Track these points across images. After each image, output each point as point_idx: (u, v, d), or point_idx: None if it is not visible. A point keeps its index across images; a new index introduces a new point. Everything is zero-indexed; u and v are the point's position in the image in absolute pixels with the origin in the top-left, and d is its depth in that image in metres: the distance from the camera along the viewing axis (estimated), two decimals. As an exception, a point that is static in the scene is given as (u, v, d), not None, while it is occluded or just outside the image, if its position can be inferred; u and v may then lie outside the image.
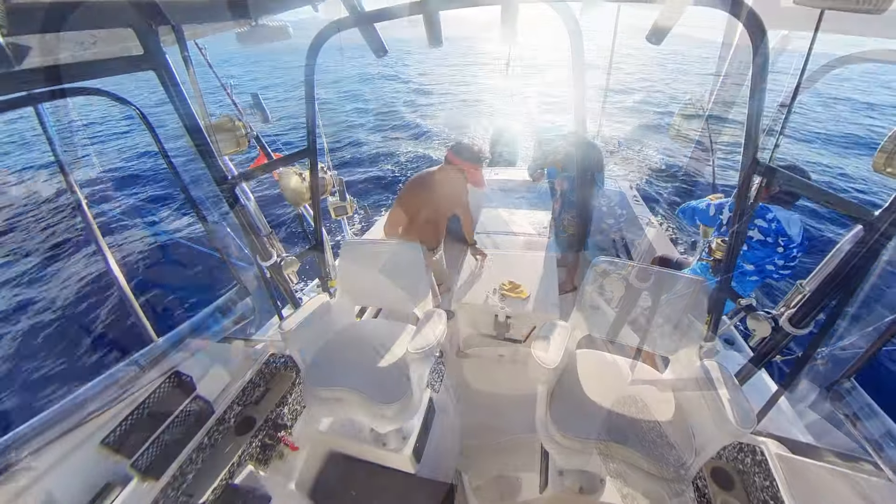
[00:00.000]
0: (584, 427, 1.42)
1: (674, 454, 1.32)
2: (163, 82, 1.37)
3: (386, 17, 1.48)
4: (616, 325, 1.67)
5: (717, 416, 1.22)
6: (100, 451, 1.44)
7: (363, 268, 2.05)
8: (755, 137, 1.26)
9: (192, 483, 1.64)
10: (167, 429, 1.60)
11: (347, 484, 2.02)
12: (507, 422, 2.38)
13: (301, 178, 2.02)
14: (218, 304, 1.98)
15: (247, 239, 1.77)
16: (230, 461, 1.76)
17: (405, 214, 2.56)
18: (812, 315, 1.24)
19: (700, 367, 1.40)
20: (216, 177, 1.57)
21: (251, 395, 2.02)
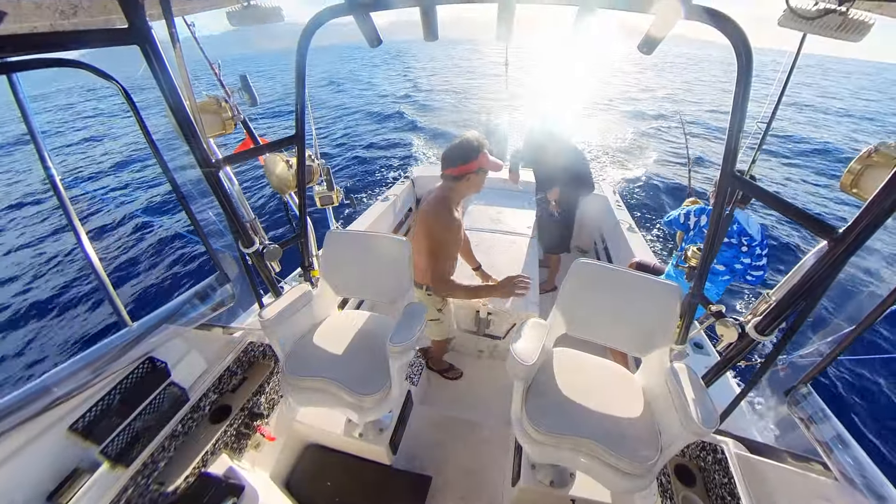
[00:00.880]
0: (557, 423, 1.47)
1: (641, 451, 1.37)
2: (147, 58, 1.32)
3: (381, 7, 1.47)
4: (592, 325, 1.72)
5: (683, 415, 1.28)
6: (68, 437, 1.40)
7: (346, 259, 2.04)
8: (734, 151, 1.32)
9: (163, 471, 1.62)
10: (139, 415, 1.57)
11: (323, 475, 2.02)
12: (483, 416, 2.43)
13: (288, 164, 1.99)
14: (196, 289, 1.93)
15: (229, 225, 1.74)
16: (204, 449, 1.74)
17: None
18: (776, 323, 1.31)
19: (669, 369, 1.46)
20: (200, 159, 1.53)
21: (228, 383, 1.99)
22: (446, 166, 1.95)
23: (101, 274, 1.70)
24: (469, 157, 1.91)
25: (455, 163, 1.92)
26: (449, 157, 1.94)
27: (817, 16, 1.08)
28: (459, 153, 1.92)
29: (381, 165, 11.18)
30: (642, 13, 1.30)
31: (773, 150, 12.61)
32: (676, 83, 27.38)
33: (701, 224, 2.39)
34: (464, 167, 1.92)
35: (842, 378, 4.08)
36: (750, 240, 2.20)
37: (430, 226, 1.97)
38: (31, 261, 7.34)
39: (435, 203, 1.99)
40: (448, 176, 1.96)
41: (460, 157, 1.92)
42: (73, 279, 6.58)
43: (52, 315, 5.89)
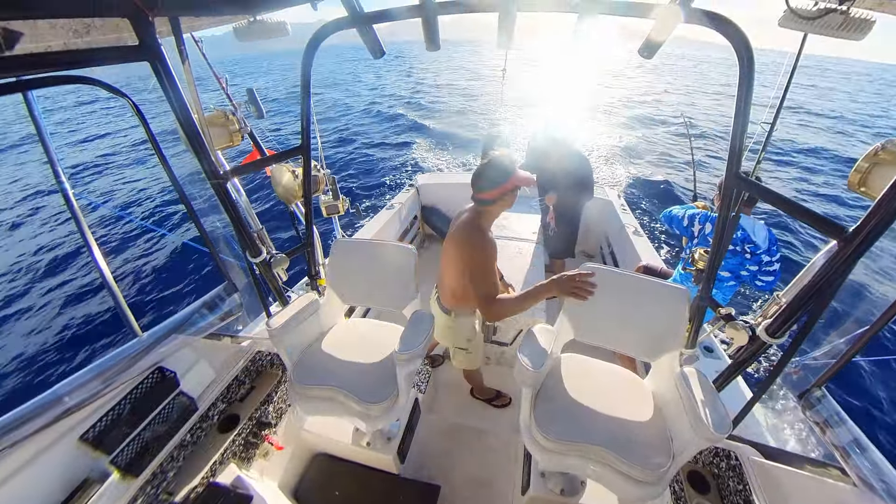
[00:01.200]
0: (566, 430, 1.45)
1: (652, 458, 1.35)
2: (157, 74, 1.36)
3: (384, 19, 1.50)
4: (600, 330, 1.70)
5: (695, 421, 1.26)
6: (79, 447, 1.41)
7: (353, 267, 2.05)
8: (739, 153, 1.31)
9: (172, 481, 1.62)
10: (149, 425, 1.58)
11: (331, 484, 2.01)
12: (491, 424, 2.41)
13: (294, 175, 2.01)
14: (205, 299, 1.95)
15: (237, 235, 1.76)
16: (212, 459, 1.74)
17: None
18: (787, 325, 1.29)
19: (679, 374, 1.44)
20: (208, 171, 1.56)
21: (236, 392, 2.00)
22: (481, 190, 1.80)
23: (112, 285, 1.73)
24: (505, 178, 1.77)
25: (490, 186, 1.78)
26: (483, 180, 1.79)
27: (818, 15, 1.08)
28: (494, 175, 1.77)
29: (383, 168, 11.29)
30: (642, 18, 1.31)
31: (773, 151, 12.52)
32: (676, 85, 27.34)
33: (706, 232, 2.34)
34: (498, 189, 1.78)
35: (858, 380, 3.98)
36: (754, 247, 2.17)
37: (467, 252, 1.82)
38: (44, 272, 7.48)
39: (469, 229, 1.85)
40: (481, 199, 1.82)
41: (495, 178, 1.77)
42: (84, 290, 6.68)
43: (63, 325, 5.98)
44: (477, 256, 1.78)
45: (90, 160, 12.81)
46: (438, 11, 1.45)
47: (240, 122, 1.81)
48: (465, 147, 12.98)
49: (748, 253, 2.18)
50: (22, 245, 8.55)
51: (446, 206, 4.76)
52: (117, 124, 15.74)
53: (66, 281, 7.09)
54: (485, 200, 1.82)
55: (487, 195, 1.79)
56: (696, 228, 2.38)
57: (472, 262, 1.78)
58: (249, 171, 1.80)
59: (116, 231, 8.60)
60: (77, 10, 1.11)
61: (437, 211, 4.77)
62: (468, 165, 11.24)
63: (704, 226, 2.36)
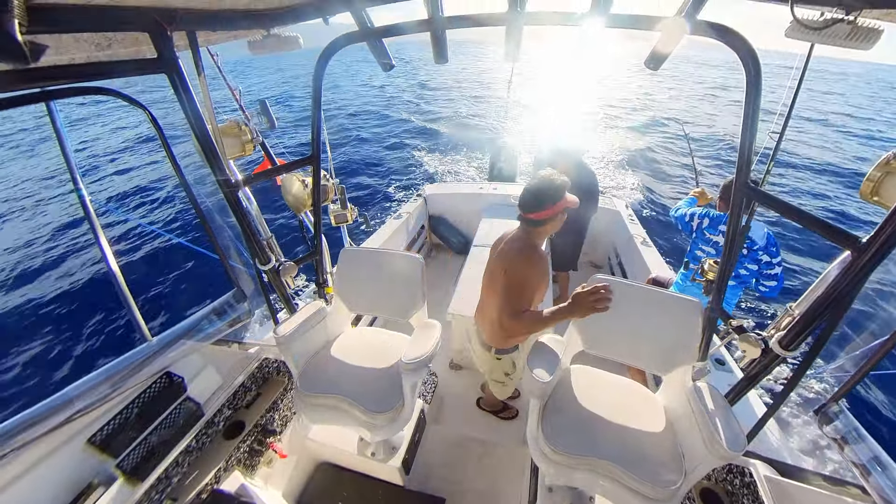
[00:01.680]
0: (574, 443, 1.42)
1: (663, 474, 1.32)
2: (174, 86, 1.40)
3: (394, 33, 1.53)
4: (610, 342, 1.68)
5: (708, 438, 1.22)
6: (86, 450, 1.42)
7: (360, 276, 2.06)
8: (748, 162, 1.31)
9: (176, 486, 1.62)
10: (155, 430, 1.58)
11: (336, 494, 1.99)
12: (498, 436, 2.37)
13: (303, 184, 2.05)
14: (214, 306, 1.98)
15: (247, 242, 1.79)
16: (217, 466, 1.74)
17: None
18: (801, 338, 1.26)
19: (691, 389, 1.41)
20: (220, 180, 1.59)
21: (242, 399, 2.00)
22: (531, 210, 1.72)
23: (124, 290, 1.76)
24: (557, 199, 1.70)
25: (543, 206, 1.70)
26: (535, 200, 1.71)
27: (824, 26, 1.08)
28: (548, 196, 1.70)
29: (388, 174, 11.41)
30: (648, 31, 1.32)
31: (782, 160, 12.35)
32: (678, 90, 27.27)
33: (703, 227, 2.37)
34: (551, 210, 1.71)
35: (878, 394, 3.83)
36: (750, 243, 2.16)
37: (517, 265, 1.74)
38: (58, 274, 7.65)
39: (522, 245, 1.78)
40: (532, 220, 1.74)
41: (548, 199, 1.70)
42: (97, 294, 6.80)
43: (75, 328, 6.09)
44: (528, 271, 1.71)
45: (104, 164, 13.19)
46: (447, 26, 1.49)
47: (252, 133, 1.85)
48: (470, 153, 13.11)
49: (745, 249, 2.17)
50: (36, 244, 8.77)
51: (454, 216, 4.78)
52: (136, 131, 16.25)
53: (78, 283, 7.24)
54: (535, 221, 1.74)
55: (538, 215, 1.72)
56: (696, 223, 2.43)
57: (518, 274, 1.72)
58: (261, 180, 1.84)
59: (129, 235, 8.78)
60: (100, 26, 1.16)
61: (445, 220, 4.79)
62: (473, 169, 11.36)
63: (703, 220, 2.39)
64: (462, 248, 4.54)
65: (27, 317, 6.35)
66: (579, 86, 29.86)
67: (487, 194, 4.56)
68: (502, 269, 1.77)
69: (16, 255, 8.52)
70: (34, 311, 6.50)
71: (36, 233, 9.53)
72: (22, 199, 11.18)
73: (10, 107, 1.15)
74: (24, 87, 1.16)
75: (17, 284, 7.44)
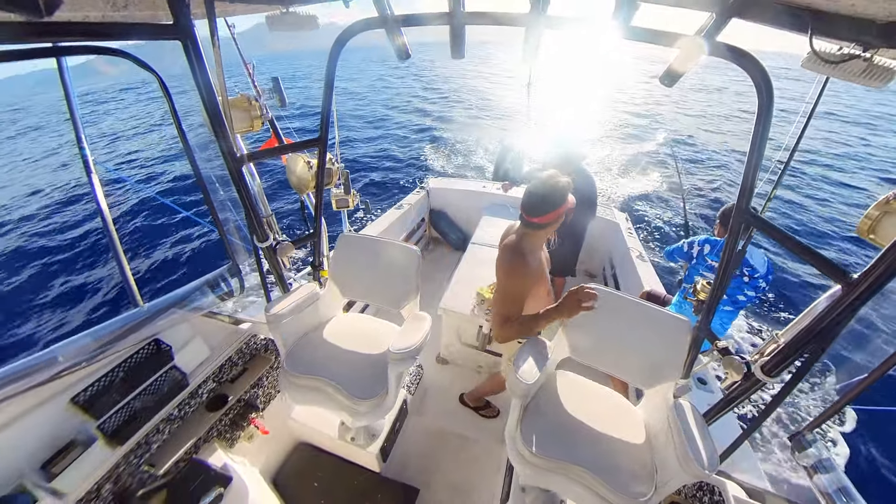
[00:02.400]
0: (551, 446, 1.44)
1: (634, 486, 1.34)
2: (187, 53, 1.39)
3: (413, 23, 1.52)
4: (597, 351, 1.70)
5: (682, 454, 1.25)
6: (68, 409, 1.43)
7: (356, 262, 2.07)
8: (751, 188, 1.31)
9: (156, 453, 1.63)
10: (139, 395, 1.59)
11: (312, 474, 2.01)
12: (477, 432, 2.40)
13: (308, 165, 2.04)
14: (208, 278, 1.98)
15: (247, 218, 1.78)
16: (197, 436, 1.75)
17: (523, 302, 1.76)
18: (784, 365, 1.28)
19: (672, 405, 1.43)
20: (226, 153, 1.59)
21: (228, 373, 2.01)
22: (535, 214, 1.67)
23: (120, 254, 1.76)
24: (560, 203, 1.66)
25: (546, 210, 1.65)
26: (540, 203, 1.66)
27: (841, 60, 1.09)
28: (552, 200, 1.65)
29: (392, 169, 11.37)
30: (668, 47, 1.32)
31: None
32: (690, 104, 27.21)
33: (704, 253, 2.39)
34: (553, 214, 1.66)
35: (857, 428, 3.90)
36: (752, 270, 2.21)
37: (500, 272, 1.76)
38: (57, 235, 7.61)
39: (509, 253, 1.75)
40: (533, 223, 1.69)
41: (552, 203, 1.65)
42: (92, 257, 6.78)
43: (68, 290, 6.08)
44: (507, 280, 1.71)
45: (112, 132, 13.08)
46: (467, 20, 1.48)
47: (262, 109, 1.84)
48: (476, 153, 13.07)
49: (746, 276, 2.22)
50: (37, 200, 8.69)
51: (455, 211, 4.78)
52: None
53: (76, 240, 7.20)
54: (536, 224, 1.69)
55: (541, 220, 1.66)
56: (696, 250, 2.45)
57: (501, 284, 1.73)
58: (266, 157, 1.83)
59: (129, 202, 8.73)
60: None
61: (445, 215, 4.79)
62: (480, 168, 11.33)
63: (703, 247, 2.41)
64: (460, 245, 4.55)
65: (20, 274, 6.33)
66: (589, 91, 29.77)
67: (490, 193, 4.56)
68: (496, 272, 1.77)
69: (15, 209, 8.45)
70: (29, 270, 6.48)
71: (37, 192, 9.46)
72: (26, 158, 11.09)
73: (21, 59, 1.14)
74: (37, 40, 1.15)
75: (14, 239, 7.39)
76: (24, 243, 7.36)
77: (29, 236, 7.60)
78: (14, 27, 1.03)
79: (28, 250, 7.10)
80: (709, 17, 1.21)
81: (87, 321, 5.36)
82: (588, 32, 1.38)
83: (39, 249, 7.15)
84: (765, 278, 2.21)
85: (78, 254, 6.99)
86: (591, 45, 2.10)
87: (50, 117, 24.91)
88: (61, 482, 1.32)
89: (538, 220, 1.67)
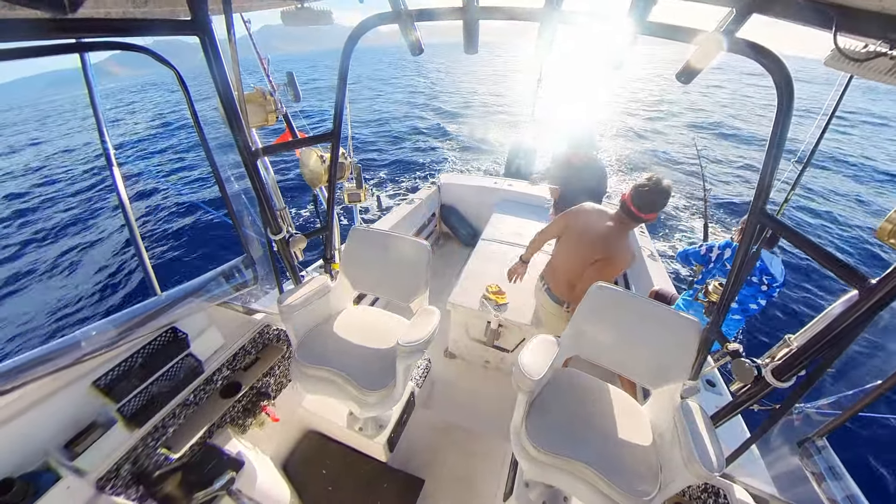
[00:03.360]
0: (556, 443, 1.45)
1: (638, 485, 1.34)
2: (205, 48, 1.42)
3: (426, 18, 1.52)
4: (605, 350, 1.70)
5: (687, 455, 1.24)
6: (90, 392, 1.49)
7: (367, 256, 2.09)
8: (767, 189, 1.29)
9: (171, 436, 1.69)
10: (156, 381, 1.65)
11: (320, 462, 2.06)
12: (483, 426, 2.42)
13: (321, 159, 2.06)
14: (223, 268, 2.02)
15: (261, 211, 1.82)
16: (211, 421, 1.81)
17: (557, 237, 2.28)
18: (795, 370, 1.26)
19: (679, 406, 1.42)
20: (241, 147, 1.62)
21: (241, 361, 2.07)
22: (651, 212, 1.92)
23: (139, 245, 1.82)
24: (663, 207, 1.92)
25: (655, 210, 1.92)
26: (659, 203, 1.89)
27: (866, 58, 1.05)
28: (663, 203, 1.90)
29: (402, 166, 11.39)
30: (685, 43, 1.30)
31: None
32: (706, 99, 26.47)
33: (725, 257, 2.33)
34: (655, 215, 1.95)
35: (867, 435, 3.81)
36: (771, 279, 2.15)
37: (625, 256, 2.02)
38: (79, 227, 7.86)
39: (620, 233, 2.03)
40: (639, 218, 1.96)
41: (662, 206, 1.91)
42: (114, 249, 6.98)
43: (92, 278, 6.28)
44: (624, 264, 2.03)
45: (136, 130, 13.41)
46: (481, 15, 1.47)
47: (276, 103, 1.86)
48: (486, 151, 12.99)
49: (765, 285, 2.16)
50: (60, 196, 8.98)
51: (465, 207, 4.78)
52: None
53: (99, 232, 7.43)
54: (642, 220, 1.96)
55: (648, 217, 1.93)
56: (716, 254, 2.40)
57: (619, 265, 2.02)
58: (280, 151, 1.86)
59: (150, 195, 8.94)
60: None
61: (456, 211, 4.79)
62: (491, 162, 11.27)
63: (724, 251, 2.35)
64: (470, 241, 4.55)
65: (46, 264, 6.57)
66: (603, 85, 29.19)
67: (501, 189, 4.54)
68: (605, 255, 2.02)
69: (40, 205, 8.74)
70: (53, 258, 6.72)
71: (62, 185, 9.76)
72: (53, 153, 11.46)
73: (46, 54, 1.17)
74: (61, 36, 1.18)
75: (38, 230, 7.66)
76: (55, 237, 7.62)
77: (60, 229, 7.86)
78: (40, 24, 1.07)
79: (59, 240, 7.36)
80: (728, 13, 1.18)
81: (108, 307, 5.54)
82: (603, 28, 1.36)
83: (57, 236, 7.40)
84: (780, 286, 2.16)
85: (99, 244, 7.21)
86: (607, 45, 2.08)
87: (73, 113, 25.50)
88: (83, 461, 1.39)
89: (647, 217, 1.92)
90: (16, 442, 1.30)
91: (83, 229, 7.92)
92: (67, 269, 6.53)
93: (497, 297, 2.69)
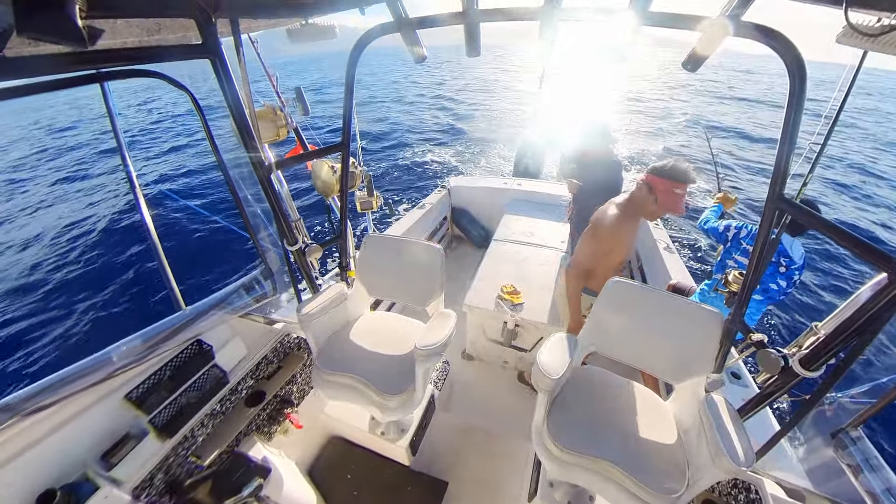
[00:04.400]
0: (579, 441, 1.44)
1: (666, 482, 1.32)
2: (216, 70, 1.47)
3: (428, 25, 1.54)
4: (625, 345, 1.67)
5: (715, 450, 1.21)
6: (123, 405, 1.55)
7: (382, 262, 2.12)
8: (784, 174, 1.25)
9: (201, 445, 1.75)
10: (185, 392, 1.71)
11: (344, 467, 2.09)
12: (504, 427, 2.41)
13: (332, 170, 2.11)
14: (243, 281, 2.09)
15: (276, 223, 1.87)
16: (238, 430, 1.86)
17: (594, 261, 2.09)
18: (824, 359, 1.22)
19: (704, 400, 1.39)
20: (255, 162, 1.67)
21: (264, 370, 2.12)
22: (658, 176, 1.90)
23: (163, 261, 1.89)
24: (662, 174, 1.87)
25: (677, 177, 1.85)
26: (679, 169, 1.85)
27: (880, 32, 1.01)
28: (684, 171, 1.84)
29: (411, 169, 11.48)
30: (690, 31, 1.28)
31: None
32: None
33: (741, 236, 2.32)
34: (655, 179, 1.89)
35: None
36: (790, 262, 2.12)
37: (595, 226, 2.08)
38: (104, 248, 8.19)
39: (616, 216, 2.03)
40: (651, 186, 1.92)
41: (684, 174, 1.84)
42: (139, 265, 7.26)
43: (118, 295, 6.54)
44: (599, 228, 2.08)
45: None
46: (481, 18, 1.48)
47: (286, 118, 1.92)
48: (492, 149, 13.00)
49: (783, 266, 2.13)
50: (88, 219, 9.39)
51: (476, 209, 4.78)
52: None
53: (124, 251, 7.74)
54: (649, 184, 1.95)
55: (655, 181, 1.92)
56: (731, 234, 2.41)
57: (590, 229, 2.11)
58: (292, 165, 1.91)
59: (171, 214, 9.26)
60: (150, 12, 1.23)
61: (467, 213, 4.79)
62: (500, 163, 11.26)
63: (740, 231, 2.36)
64: (482, 242, 4.55)
65: (75, 284, 6.87)
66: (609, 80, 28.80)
67: (511, 189, 4.52)
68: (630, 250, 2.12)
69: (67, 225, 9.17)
70: (79, 275, 7.03)
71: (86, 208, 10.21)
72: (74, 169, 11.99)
73: (68, 86, 1.24)
74: (82, 68, 1.25)
75: (66, 250, 8.02)
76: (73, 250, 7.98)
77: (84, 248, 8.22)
78: (63, 58, 1.13)
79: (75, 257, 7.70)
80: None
81: (136, 322, 5.75)
82: (605, 22, 1.35)
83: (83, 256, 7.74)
84: (799, 270, 2.12)
85: (124, 261, 7.51)
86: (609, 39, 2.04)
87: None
88: (119, 471, 1.45)
89: (653, 181, 1.89)
90: (56, 454, 1.37)
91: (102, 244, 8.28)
92: (89, 286, 6.81)
93: (512, 297, 2.68)
